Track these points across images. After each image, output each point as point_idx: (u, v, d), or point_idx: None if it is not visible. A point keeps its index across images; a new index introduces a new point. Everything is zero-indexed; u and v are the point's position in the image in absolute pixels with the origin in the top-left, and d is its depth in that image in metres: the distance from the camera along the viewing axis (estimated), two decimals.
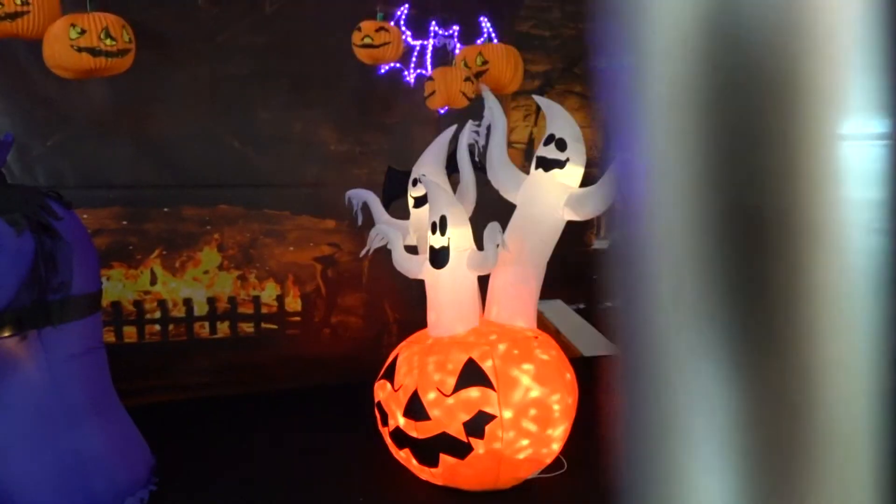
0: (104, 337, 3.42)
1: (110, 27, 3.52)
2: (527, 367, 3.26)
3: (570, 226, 3.51)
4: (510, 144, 4.45)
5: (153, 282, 4.79)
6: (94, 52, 3.48)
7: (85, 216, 4.45)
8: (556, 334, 5.69)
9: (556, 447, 3.41)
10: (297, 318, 5.13)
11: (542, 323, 5.23)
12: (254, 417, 4.50)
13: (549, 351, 3.42)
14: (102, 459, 3.04)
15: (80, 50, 3.46)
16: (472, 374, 3.20)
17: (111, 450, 3.10)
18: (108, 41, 3.50)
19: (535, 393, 3.23)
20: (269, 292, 5.05)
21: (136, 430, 3.36)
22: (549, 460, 3.44)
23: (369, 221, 4.05)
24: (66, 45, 3.46)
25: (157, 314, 4.81)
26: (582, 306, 5.86)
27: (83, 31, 3.46)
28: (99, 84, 4.45)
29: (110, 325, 4.65)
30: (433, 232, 3.35)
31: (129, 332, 4.75)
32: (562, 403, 3.31)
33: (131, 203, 4.67)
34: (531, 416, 3.20)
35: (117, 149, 4.62)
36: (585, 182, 3.52)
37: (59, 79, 3.77)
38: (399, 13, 4.95)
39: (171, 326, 4.85)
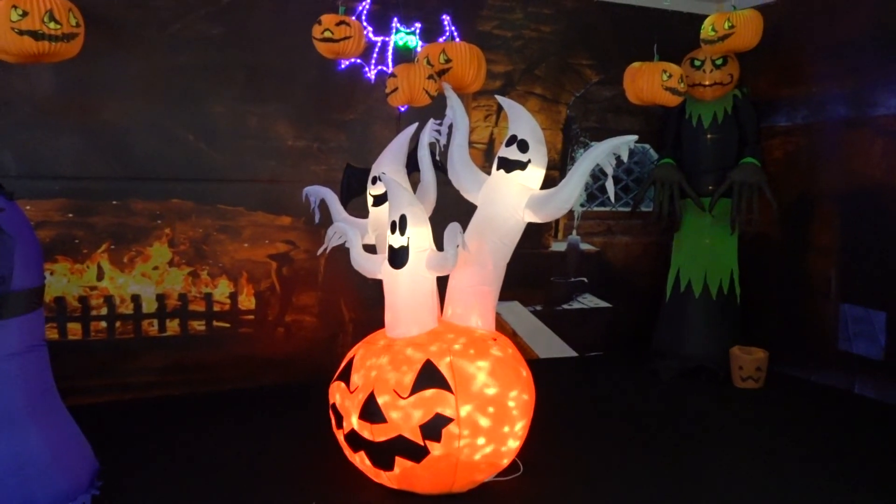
0: (47, 334, 3.27)
1: (55, 10, 3.37)
2: (482, 364, 3.23)
3: (528, 227, 3.49)
4: (471, 144, 4.41)
5: (100, 277, 4.62)
6: (36, 35, 3.33)
7: (28, 207, 4.28)
8: (513, 336, 5.69)
9: (514, 445, 3.36)
10: (251, 317, 5.01)
11: (500, 324, 5.21)
12: (204, 418, 4.38)
13: (506, 349, 3.40)
14: (41, 464, 2.90)
15: (21, 33, 3.31)
16: (429, 376, 3.15)
17: (50, 453, 2.96)
18: (51, 24, 3.35)
19: (492, 390, 3.20)
20: (221, 290, 4.92)
21: (78, 432, 3.22)
22: (506, 461, 3.41)
23: (327, 219, 3.97)
24: (7, 27, 3.30)
25: (104, 311, 4.65)
26: (539, 308, 5.87)
27: (25, 13, 3.31)
28: (45, 69, 4.27)
29: (53, 321, 4.48)
30: (392, 231, 3.29)
31: (74, 329, 4.58)
32: (518, 400, 3.28)
33: (78, 195, 4.50)
34: (488, 413, 3.17)
35: (64, 138, 4.45)
36: (546, 184, 3.51)
37: (2, 63, 3.60)
38: (360, 8, 4.88)
39: (117, 324, 4.69)
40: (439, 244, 3.24)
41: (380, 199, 3.74)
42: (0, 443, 2.82)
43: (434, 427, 3.11)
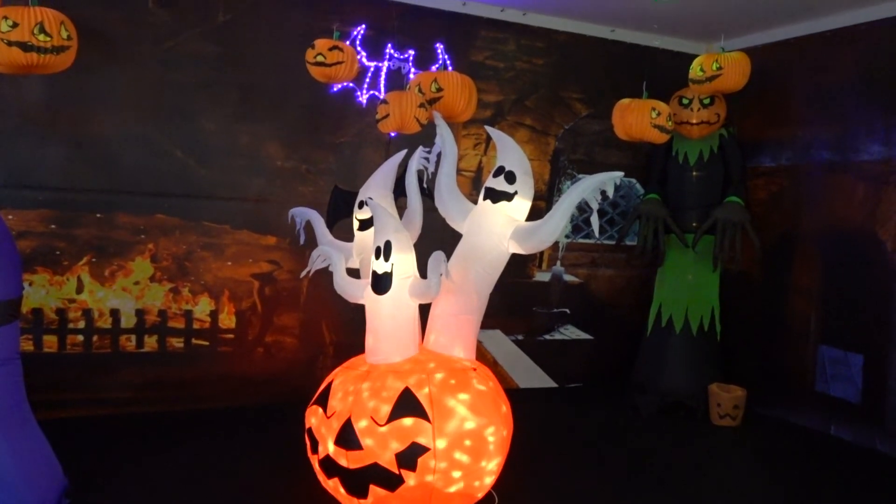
0: (22, 346, 3.23)
1: (46, 22, 3.37)
2: (463, 396, 3.21)
3: (512, 257, 3.51)
4: (459, 172, 4.44)
5: (79, 290, 4.58)
6: (24, 46, 3.32)
7: (10, 217, 4.25)
8: (493, 365, 5.67)
9: (489, 481, 3.36)
10: (231, 336, 4.97)
11: (481, 353, 5.20)
12: (178, 437, 4.32)
13: (487, 382, 3.39)
14: (7, 480, 2.84)
15: (10, 44, 3.30)
16: (407, 404, 3.13)
17: (18, 469, 2.90)
18: (41, 36, 3.34)
19: (471, 424, 3.18)
20: (202, 307, 4.89)
21: (48, 448, 3.16)
22: (480, 495, 3.39)
23: (312, 241, 3.97)
24: None
25: (82, 324, 4.59)
26: (520, 337, 5.87)
27: (15, 25, 3.30)
28: (36, 81, 4.27)
29: (29, 332, 4.42)
30: (377, 257, 3.29)
31: (50, 342, 4.52)
32: (497, 435, 3.27)
33: (62, 206, 4.47)
34: (465, 446, 3.15)
35: (51, 149, 4.43)
36: (532, 215, 3.53)
37: None
38: (355, 33, 4.93)
39: (95, 337, 4.63)
40: (424, 271, 3.25)
41: (366, 224, 3.74)
42: None
43: (410, 456, 3.08)
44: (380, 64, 5.07)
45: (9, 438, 2.91)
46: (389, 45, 5.06)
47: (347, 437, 3.15)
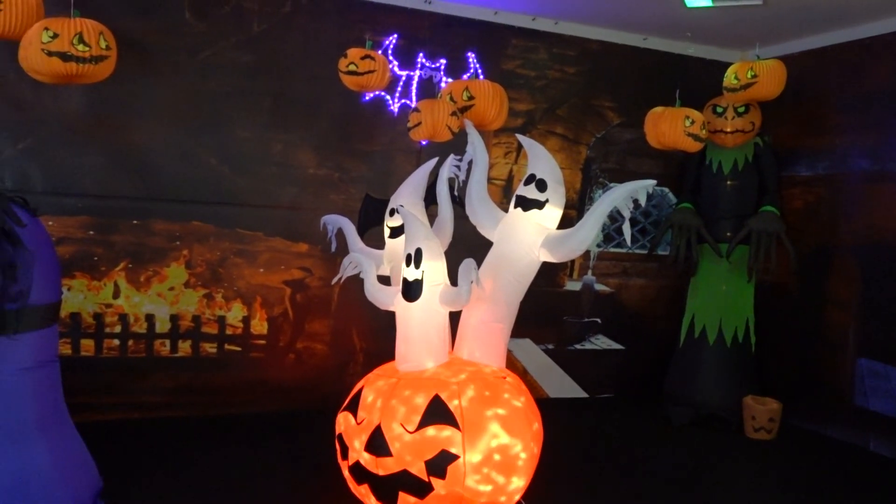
0: (60, 349, 3.29)
1: (85, 33, 3.44)
2: (497, 411, 3.18)
3: (543, 265, 3.49)
4: (489, 180, 4.44)
5: (116, 295, 4.66)
6: (64, 56, 3.40)
7: (50, 223, 4.34)
8: (523, 374, 5.65)
9: (517, 498, 3.33)
10: (262, 342, 5.02)
11: (510, 362, 5.18)
12: (209, 442, 4.37)
13: (519, 397, 3.35)
14: (45, 480, 2.89)
15: (50, 54, 3.38)
16: (437, 412, 3.13)
17: (55, 470, 2.95)
18: (80, 46, 3.42)
19: (503, 440, 3.15)
20: (235, 313, 4.94)
21: (84, 450, 3.21)
22: (512, 501, 3.37)
23: (343, 248, 4.00)
24: (38, 48, 3.39)
25: (118, 328, 4.68)
26: (551, 346, 5.84)
27: (56, 35, 3.39)
28: (76, 90, 4.37)
29: (67, 336, 4.51)
30: (407, 264, 3.30)
31: (87, 346, 4.61)
32: (527, 452, 3.24)
33: (100, 213, 4.56)
34: (495, 461, 3.13)
35: (90, 157, 4.52)
36: (563, 224, 3.51)
37: (35, 82, 3.69)
38: (387, 42, 4.97)
39: (130, 342, 4.71)
40: (454, 279, 3.25)
41: (396, 231, 3.76)
42: (8, 457, 2.82)
43: (439, 464, 3.08)
44: (411, 73, 5.10)
45: (48, 439, 2.96)
46: (421, 55, 5.09)
47: (377, 444, 3.16)
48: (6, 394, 2.83)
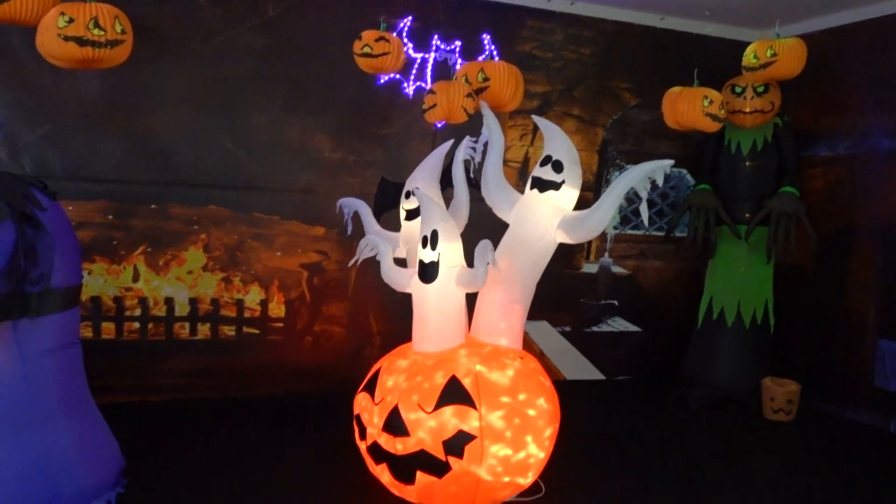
0: (81, 333, 3.34)
1: (100, 17, 3.46)
2: (507, 373, 3.22)
3: (559, 248, 3.48)
4: (505, 162, 4.42)
5: (135, 278, 4.71)
6: (80, 41, 3.41)
7: (70, 208, 4.39)
8: (540, 356, 5.65)
9: (537, 455, 3.29)
10: (280, 325, 5.06)
11: (527, 344, 5.19)
12: (229, 423, 4.42)
13: (529, 364, 3.38)
14: (69, 460, 2.95)
15: (66, 39, 3.40)
16: (454, 392, 3.14)
17: (80, 450, 3.01)
18: (96, 31, 3.43)
19: (512, 397, 3.17)
20: (252, 296, 4.98)
21: (107, 430, 3.27)
22: (529, 478, 3.36)
23: (359, 231, 4.01)
24: (55, 33, 3.40)
25: (138, 312, 4.73)
26: (567, 329, 5.83)
27: (71, 20, 3.40)
28: (93, 75, 4.39)
29: (88, 320, 4.57)
30: (424, 246, 3.31)
31: (108, 329, 4.67)
32: (540, 408, 3.24)
33: (118, 197, 4.60)
34: (511, 422, 3.14)
35: (108, 142, 4.56)
36: (580, 206, 3.49)
37: (53, 68, 3.71)
38: (402, 24, 4.94)
39: (150, 325, 4.76)
40: (470, 261, 3.25)
41: (412, 214, 3.76)
42: (32, 438, 2.87)
43: (457, 443, 3.10)
44: (426, 55, 5.08)
45: (71, 420, 3.02)
46: (436, 37, 5.06)
47: (395, 424, 3.18)
48: (29, 376, 2.88)
